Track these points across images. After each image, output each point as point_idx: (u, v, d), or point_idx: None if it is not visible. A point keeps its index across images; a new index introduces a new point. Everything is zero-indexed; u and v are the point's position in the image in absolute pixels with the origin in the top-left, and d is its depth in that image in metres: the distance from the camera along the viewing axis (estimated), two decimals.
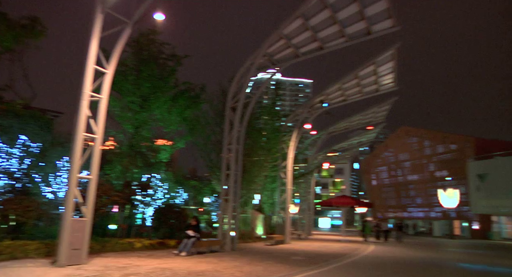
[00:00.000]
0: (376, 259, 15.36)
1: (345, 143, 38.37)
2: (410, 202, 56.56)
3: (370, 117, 28.81)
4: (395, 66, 19.67)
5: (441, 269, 13.17)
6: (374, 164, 65.07)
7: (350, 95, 22.78)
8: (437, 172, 51.68)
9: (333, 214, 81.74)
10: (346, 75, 20.48)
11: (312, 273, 10.29)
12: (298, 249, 18.22)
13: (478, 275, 12.22)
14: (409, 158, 56.95)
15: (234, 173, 16.31)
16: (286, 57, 17.04)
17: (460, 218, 47.58)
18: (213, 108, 21.56)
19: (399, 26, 14.92)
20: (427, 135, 54.08)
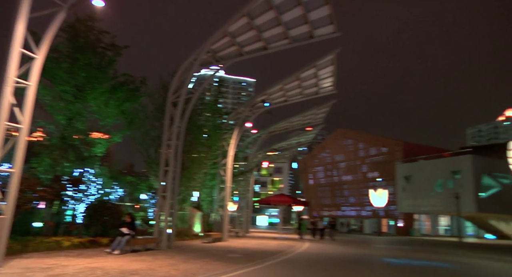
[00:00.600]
0: (310, 256, 15.92)
1: (284, 142, 39.29)
2: (344, 201, 59.36)
3: (310, 118, 29.77)
4: (334, 70, 20.50)
5: (369, 264, 14.00)
6: (312, 164, 67.33)
7: (291, 96, 23.34)
8: (369, 173, 54.74)
9: (271, 212, 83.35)
10: (288, 76, 20.95)
11: (249, 270, 10.39)
12: (236, 246, 18.31)
13: (400, 269, 13.14)
14: (344, 159, 59.70)
15: (172, 169, 15.97)
16: (230, 55, 17.02)
17: (387, 217, 50.89)
18: (153, 102, 20.90)
19: (340, 32, 15.56)
20: (361, 138, 57.07)
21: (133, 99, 18.10)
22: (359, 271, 11.84)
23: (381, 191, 44.51)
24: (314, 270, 11.37)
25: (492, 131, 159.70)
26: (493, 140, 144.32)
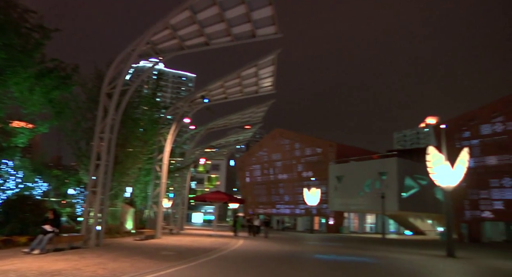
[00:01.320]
0: (244, 253, 16.07)
1: (223, 140, 39.23)
2: (279, 200, 60.75)
3: (249, 116, 30.02)
4: (274, 70, 20.86)
5: (301, 260, 14.48)
6: (249, 162, 68.02)
7: (231, 93, 23.35)
8: (304, 172, 56.57)
9: (207, 209, 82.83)
10: (229, 73, 20.93)
11: (181, 267, 10.23)
12: (169, 244, 17.93)
13: (329, 264, 13.78)
14: (281, 158, 61.10)
15: (104, 163, 15.20)
16: (171, 48, 16.59)
17: (319, 215, 53.02)
18: (86, 92, 19.69)
19: (281, 34, 15.86)
20: (298, 138, 58.78)
21: (63, 87, 16.83)
22: (291, 267, 12.19)
23: (314, 190, 46.24)
24: (248, 267, 11.51)
25: (415, 136, 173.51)
26: (415, 144, 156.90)
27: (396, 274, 11.89)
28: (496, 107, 37.98)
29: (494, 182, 37.23)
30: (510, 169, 36.41)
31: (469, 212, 38.48)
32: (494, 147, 37.78)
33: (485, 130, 38.54)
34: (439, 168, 19.69)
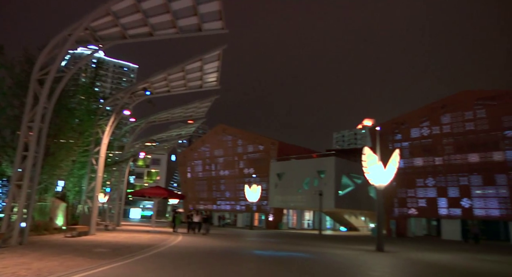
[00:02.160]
0: (183, 249, 15.84)
1: (164, 134, 38.30)
2: (220, 196, 60.65)
3: (192, 111, 29.58)
4: (219, 66, 20.73)
5: (239, 256, 14.58)
6: (191, 158, 67.13)
7: (175, 87, 22.82)
8: (245, 169, 56.98)
9: (145, 204, 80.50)
10: (173, 66, 20.44)
11: (116, 265, 9.83)
12: (104, 240, 17.16)
13: (266, 259, 14.03)
14: (223, 154, 60.99)
15: (33, 155, 14.13)
16: (112, 36, 15.81)
17: (260, 211, 53.74)
18: (12, 77, 18.09)
19: (228, 29, 15.78)
20: (240, 135, 59.03)
21: None
22: (230, 263, 12.23)
23: (255, 187, 46.80)
24: (185, 263, 11.35)
25: (352, 137, 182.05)
26: (353, 145, 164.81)
27: (329, 268, 12.40)
28: (424, 113, 41.04)
29: (419, 182, 40.25)
30: (433, 170, 39.57)
31: (398, 209, 41.26)
32: (420, 149, 40.82)
33: (414, 133, 41.50)
34: (373, 168, 20.84)
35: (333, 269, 12.13)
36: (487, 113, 36.74)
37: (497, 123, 35.93)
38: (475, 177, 36.90)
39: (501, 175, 35.24)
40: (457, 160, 38.10)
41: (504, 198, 34.91)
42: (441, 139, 39.35)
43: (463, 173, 37.47)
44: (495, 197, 35.54)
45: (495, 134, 36.22)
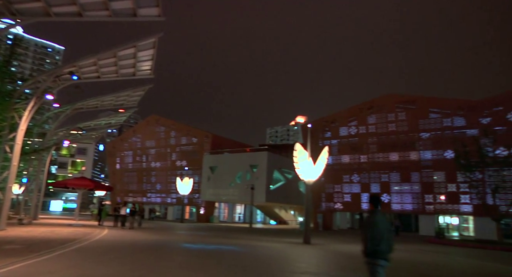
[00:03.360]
0: (107, 243, 15.09)
1: (92, 122, 36.08)
2: (150, 188, 58.90)
3: (123, 100, 28.21)
4: (154, 54, 19.95)
5: (168, 250, 14.24)
6: (121, 148, 64.27)
7: (105, 73, 21.54)
8: (178, 161, 55.90)
9: (69, 196, 75.52)
10: (104, 51, 19.26)
11: (31, 262, 9.05)
12: (17, 236, 15.74)
13: (196, 253, 13.89)
14: (155, 145, 59.22)
15: None
16: (33, 11, 14.42)
17: (191, 204, 53.16)
18: None
19: (164, 17, 15.21)
20: (174, 126, 57.71)
21: None
22: (157, 257, 11.89)
23: (187, 180, 46.12)
24: (110, 259, 10.81)
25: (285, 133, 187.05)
26: (285, 140, 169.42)
27: (258, 260, 12.62)
28: (352, 113, 43.42)
29: (346, 178, 42.59)
30: (358, 167, 42.12)
31: (325, 204, 43.31)
32: (348, 147, 43.18)
33: (343, 132, 43.75)
34: (304, 163, 21.58)
35: (262, 261, 12.36)
36: (407, 116, 39.89)
37: (414, 126, 39.18)
38: (394, 175, 39.95)
39: (416, 173, 38.57)
40: (380, 158, 40.92)
41: (416, 194, 38.30)
42: (367, 138, 41.96)
43: (385, 170, 40.37)
44: (410, 192, 38.85)
45: (412, 136, 39.47)
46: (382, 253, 5.15)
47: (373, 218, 5.29)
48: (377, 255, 5.13)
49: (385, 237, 5.16)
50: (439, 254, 18.12)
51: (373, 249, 5.12)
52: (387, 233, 5.21)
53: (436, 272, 12.19)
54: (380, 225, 5.21)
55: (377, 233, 5.13)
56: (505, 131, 33.19)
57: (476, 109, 35.90)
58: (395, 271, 11.93)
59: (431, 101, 39.29)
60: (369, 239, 5.13)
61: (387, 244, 5.17)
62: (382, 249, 5.14)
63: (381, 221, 5.25)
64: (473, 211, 34.97)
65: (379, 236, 5.12)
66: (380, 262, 5.15)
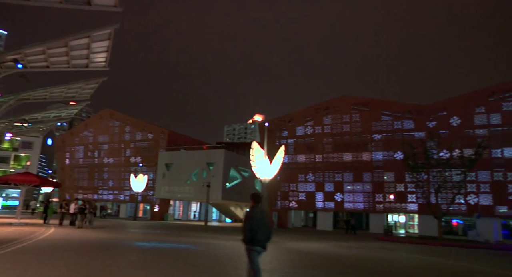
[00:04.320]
0: (53, 242, 14.34)
1: (40, 114, 34.04)
2: (102, 185, 56.78)
3: (75, 92, 26.85)
4: (110, 46, 19.15)
5: (119, 249, 13.76)
6: (71, 142, 61.36)
7: (55, 63, 20.37)
8: (132, 157, 54.28)
9: (10, 193, 70.87)
10: (55, 40, 18.21)
11: None
12: None
13: (148, 251, 13.53)
14: (109, 141, 57.14)
15: None
16: None
17: (145, 201, 51.86)
18: None
19: (121, 8, 14.62)
20: (129, 122, 55.94)
21: None
22: (107, 256, 11.45)
23: (141, 176, 44.94)
24: (55, 258, 10.25)
25: (243, 131, 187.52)
26: (243, 139, 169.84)
27: (213, 258, 12.53)
28: (309, 113, 44.31)
29: (301, 177, 43.40)
30: (313, 167, 43.07)
31: (280, 202, 43.87)
32: (304, 147, 44.02)
33: (299, 131, 44.53)
34: (260, 162, 21.73)
35: (216, 259, 12.30)
36: (360, 118, 41.34)
37: (367, 127, 40.69)
38: (347, 174, 41.26)
39: (368, 173, 40.08)
40: (334, 158, 42.08)
41: (368, 193, 39.82)
42: (322, 138, 42.99)
43: (338, 170, 41.57)
44: (361, 192, 40.32)
45: (365, 137, 40.98)
46: (258, 241, 6.15)
47: (252, 212, 6.25)
48: (253, 243, 6.14)
49: (261, 228, 6.13)
50: (386, 251, 18.97)
51: (251, 238, 6.12)
52: (263, 225, 6.18)
53: (380, 267, 12.74)
54: (257, 218, 6.17)
55: (255, 225, 6.11)
56: (448, 134, 35.35)
57: (423, 113, 37.92)
58: (343, 267, 12.34)
59: (384, 104, 41.01)
60: (247, 229, 6.10)
61: (263, 234, 6.16)
62: (258, 238, 6.14)
63: (258, 215, 6.21)
64: (418, 210, 36.93)
65: (256, 227, 6.10)
66: (256, 248, 6.19)
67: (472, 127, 35.76)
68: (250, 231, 6.11)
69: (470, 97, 36.37)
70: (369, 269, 12.03)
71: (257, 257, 6.25)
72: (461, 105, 36.15)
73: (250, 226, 6.12)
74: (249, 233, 6.12)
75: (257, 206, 6.39)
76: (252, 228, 6.11)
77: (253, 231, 6.11)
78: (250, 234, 6.11)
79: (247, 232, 6.13)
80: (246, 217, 6.24)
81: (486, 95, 35.68)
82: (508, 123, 34.52)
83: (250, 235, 6.12)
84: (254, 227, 6.11)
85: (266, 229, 6.23)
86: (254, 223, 6.14)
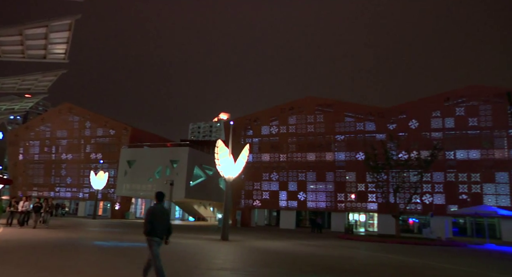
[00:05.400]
0: (2, 244, 13.57)
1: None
2: (60, 182, 54.48)
3: (31, 84, 25.49)
4: (70, 37, 18.35)
5: (76, 248, 13.25)
6: (25, 137, 58.38)
7: (8, 52, 19.19)
8: (93, 154, 52.49)
9: None
10: (7, 27, 17.20)
11: None
12: None
13: (107, 250, 13.13)
14: (67, 136, 54.92)
15: None
16: None
17: (105, 199, 50.29)
18: None
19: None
20: (90, 117, 54.00)
21: None
22: (64, 256, 10.98)
23: (102, 174, 43.56)
24: (4, 261, 9.71)
25: (208, 129, 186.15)
26: (208, 137, 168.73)
27: (174, 257, 12.33)
28: (274, 112, 44.67)
29: (265, 176, 43.67)
30: (278, 166, 43.46)
31: (244, 201, 43.94)
32: (269, 146, 44.32)
33: (265, 131, 44.77)
34: (225, 160, 21.63)
35: (178, 258, 12.11)
36: (324, 119, 42.17)
37: (331, 128, 41.57)
38: (310, 174, 41.95)
39: (330, 172, 40.96)
40: (298, 158, 42.67)
41: (330, 193, 40.71)
42: (287, 138, 43.45)
43: (302, 169, 42.19)
44: (324, 191, 41.15)
45: (329, 137, 41.84)
46: (157, 233, 7.07)
47: (153, 208, 7.23)
48: (153, 234, 7.05)
49: (160, 222, 7.10)
50: (346, 249, 19.46)
51: (150, 230, 7.03)
52: (162, 219, 7.17)
53: (340, 264, 13.05)
54: (157, 214, 7.15)
55: (154, 219, 7.05)
56: (406, 137, 36.82)
57: (384, 116, 39.25)
58: (304, 265, 12.54)
59: (347, 105, 42.05)
60: (148, 222, 7.02)
61: (162, 227, 7.13)
62: (157, 230, 7.06)
63: (158, 211, 7.20)
64: (378, 209, 38.21)
65: (155, 221, 7.05)
66: (155, 239, 7.08)
67: (429, 130, 37.48)
68: (150, 224, 7.01)
69: (428, 102, 38.09)
70: (329, 267, 12.28)
71: (157, 247, 7.08)
72: (420, 109, 37.79)
73: (150, 219, 7.04)
74: (149, 225, 7.02)
75: (159, 203, 7.38)
76: (152, 222, 7.03)
77: (152, 224, 7.02)
78: (150, 226, 7.02)
79: (147, 225, 7.04)
80: (147, 212, 7.17)
81: (442, 100, 37.50)
82: (461, 127, 36.49)
83: (150, 227, 7.02)
84: (153, 220, 7.04)
85: (165, 223, 7.20)
86: (153, 217, 7.07)
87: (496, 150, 35.47)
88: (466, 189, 35.59)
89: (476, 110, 36.41)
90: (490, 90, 36.47)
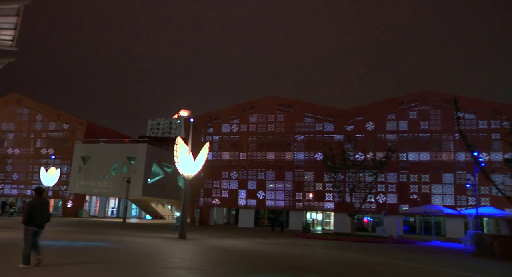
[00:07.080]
0: None
1: None
2: (5, 178, 51.27)
3: None
4: (18, 23, 17.25)
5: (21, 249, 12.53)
6: None
7: None
8: (44, 149, 49.90)
9: None
10: None
11: None
12: None
13: (58, 251, 12.54)
14: (15, 129, 51.81)
15: None
16: None
17: (56, 197, 47.98)
18: None
19: None
20: (41, 109, 51.25)
21: None
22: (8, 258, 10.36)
23: (53, 170, 41.51)
24: None
25: (168, 126, 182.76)
26: (167, 134, 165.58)
27: (130, 256, 12.01)
28: (235, 111, 44.66)
29: (225, 174, 43.55)
30: (237, 164, 43.49)
31: (203, 199, 43.58)
32: (229, 144, 44.23)
33: (225, 129, 44.63)
34: (184, 158, 21.34)
35: (134, 258, 11.81)
36: (285, 118, 42.72)
37: (291, 128, 42.19)
38: (270, 173, 42.33)
39: (289, 172, 41.57)
40: (258, 156, 42.91)
41: (289, 192, 41.31)
42: (247, 136, 43.57)
43: (262, 168, 42.47)
44: (283, 190, 41.70)
45: (288, 137, 42.44)
46: (34, 222, 8.61)
47: (33, 201, 8.79)
48: (30, 224, 8.57)
49: (38, 213, 8.65)
50: (303, 247, 19.85)
51: (28, 220, 8.51)
52: (41, 211, 8.77)
53: (296, 262, 13.30)
54: (36, 206, 8.70)
55: (32, 210, 8.57)
56: (363, 138, 38.12)
57: (343, 117, 40.41)
58: (261, 263, 12.65)
59: (307, 106, 42.84)
60: (27, 213, 8.51)
61: (40, 218, 8.70)
62: (34, 220, 8.59)
63: (38, 204, 8.79)
64: (335, 208, 39.26)
65: (33, 212, 8.57)
66: (31, 228, 8.57)
67: (384, 132, 39.04)
68: (29, 215, 8.49)
69: (384, 104, 39.67)
70: (286, 264, 12.47)
71: (32, 235, 8.59)
72: (376, 111, 39.28)
73: (29, 211, 8.53)
74: (27, 216, 8.48)
75: (39, 197, 9.01)
76: (31, 213, 8.50)
77: (31, 215, 8.49)
78: (28, 217, 8.49)
79: (25, 216, 8.49)
80: (27, 205, 8.70)
81: (397, 104, 39.19)
82: (413, 130, 38.38)
83: (28, 218, 8.49)
84: (31, 212, 8.52)
85: (44, 213, 8.87)
86: (32, 209, 8.56)
87: (443, 152, 37.63)
88: (417, 189, 37.46)
89: (427, 115, 38.42)
90: (440, 96, 38.61)
